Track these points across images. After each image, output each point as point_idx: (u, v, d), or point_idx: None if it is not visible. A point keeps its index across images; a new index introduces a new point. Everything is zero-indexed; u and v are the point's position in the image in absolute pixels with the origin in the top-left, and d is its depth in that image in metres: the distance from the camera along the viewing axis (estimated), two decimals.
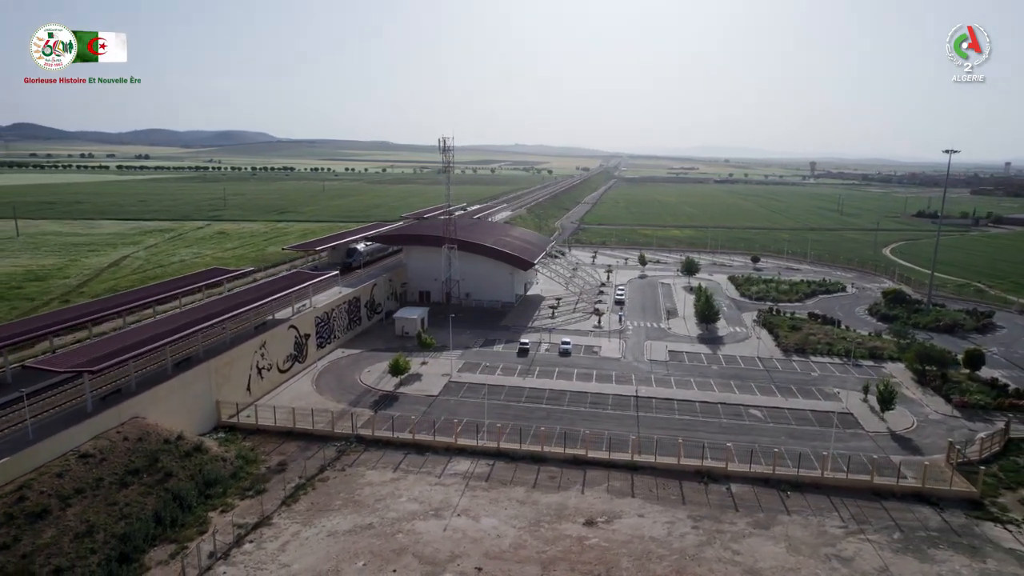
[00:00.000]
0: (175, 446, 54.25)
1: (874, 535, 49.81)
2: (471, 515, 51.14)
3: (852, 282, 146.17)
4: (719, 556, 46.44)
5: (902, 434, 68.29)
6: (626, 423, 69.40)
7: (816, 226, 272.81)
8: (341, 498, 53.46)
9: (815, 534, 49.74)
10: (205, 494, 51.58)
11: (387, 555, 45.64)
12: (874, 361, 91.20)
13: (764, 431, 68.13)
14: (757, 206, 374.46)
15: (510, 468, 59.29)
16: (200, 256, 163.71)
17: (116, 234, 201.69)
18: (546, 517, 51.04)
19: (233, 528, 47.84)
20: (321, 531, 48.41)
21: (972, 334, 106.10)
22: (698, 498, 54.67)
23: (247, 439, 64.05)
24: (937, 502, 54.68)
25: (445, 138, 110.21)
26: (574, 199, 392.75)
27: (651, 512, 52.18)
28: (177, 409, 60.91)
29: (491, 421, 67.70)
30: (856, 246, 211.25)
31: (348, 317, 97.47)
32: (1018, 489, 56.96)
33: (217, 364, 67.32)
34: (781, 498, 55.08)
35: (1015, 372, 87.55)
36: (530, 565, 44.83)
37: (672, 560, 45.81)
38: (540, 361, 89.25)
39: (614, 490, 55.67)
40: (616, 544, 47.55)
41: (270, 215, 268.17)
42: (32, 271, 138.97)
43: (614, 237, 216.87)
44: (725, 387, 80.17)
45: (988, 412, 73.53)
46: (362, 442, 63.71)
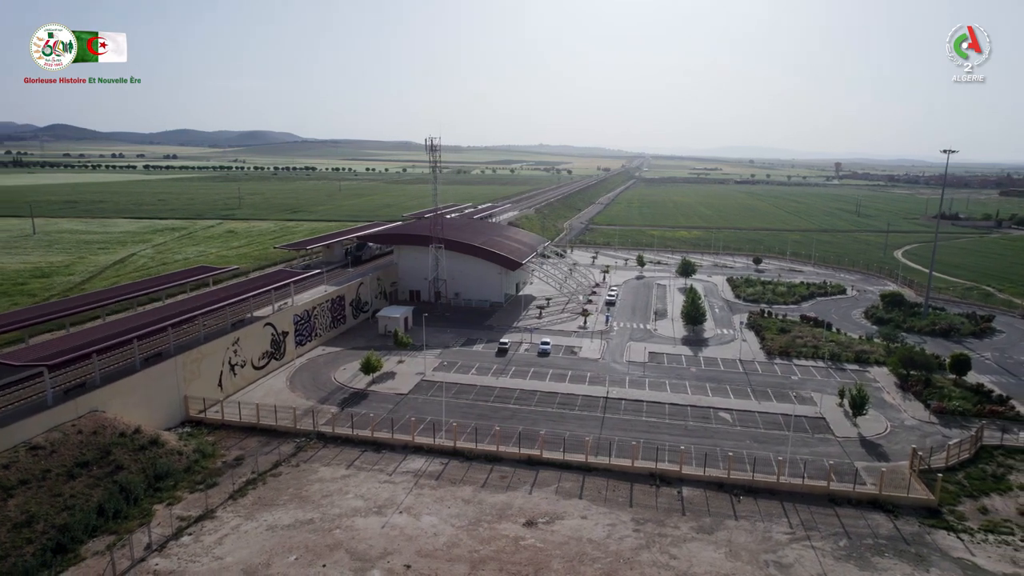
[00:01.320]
0: (130, 440, 55.34)
1: (820, 542, 48.90)
2: (413, 513, 51.33)
3: (853, 285, 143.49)
4: (654, 560, 45.98)
5: (873, 440, 66.90)
6: (590, 424, 69.05)
7: (829, 228, 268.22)
8: (289, 493, 54.06)
9: (759, 540, 48.98)
10: (155, 487, 52.54)
11: (320, 550, 46.06)
12: (859, 365, 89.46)
13: (730, 435, 67.24)
14: (774, 207, 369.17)
15: (463, 467, 59.37)
16: (205, 254, 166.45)
17: (128, 232, 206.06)
18: (487, 517, 51.02)
19: (176, 521, 48.70)
20: (261, 525, 49.02)
21: (968, 339, 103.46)
22: (647, 501, 54.16)
23: (211, 434, 65.07)
24: (893, 509, 53.50)
25: (432, 138, 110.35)
26: (588, 199, 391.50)
27: (595, 514, 51.85)
28: (142, 403, 62.12)
29: (455, 420, 67.89)
30: (867, 248, 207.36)
31: (331, 315, 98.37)
32: (980, 497, 55.46)
33: (185, 360, 68.45)
34: (732, 503, 54.35)
35: (1005, 378, 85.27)
36: (460, 564, 44.88)
37: (605, 563, 45.48)
38: (517, 361, 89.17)
39: (563, 491, 55.43)
40: (552, 545, 47.36)
41: (282, 214, 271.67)
42: (40, 268, 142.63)
43: (616, 238, 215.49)
44: (699, 390, 79.29)
45: (967, 418, 71.67)
46: (322, 439, 64.33)
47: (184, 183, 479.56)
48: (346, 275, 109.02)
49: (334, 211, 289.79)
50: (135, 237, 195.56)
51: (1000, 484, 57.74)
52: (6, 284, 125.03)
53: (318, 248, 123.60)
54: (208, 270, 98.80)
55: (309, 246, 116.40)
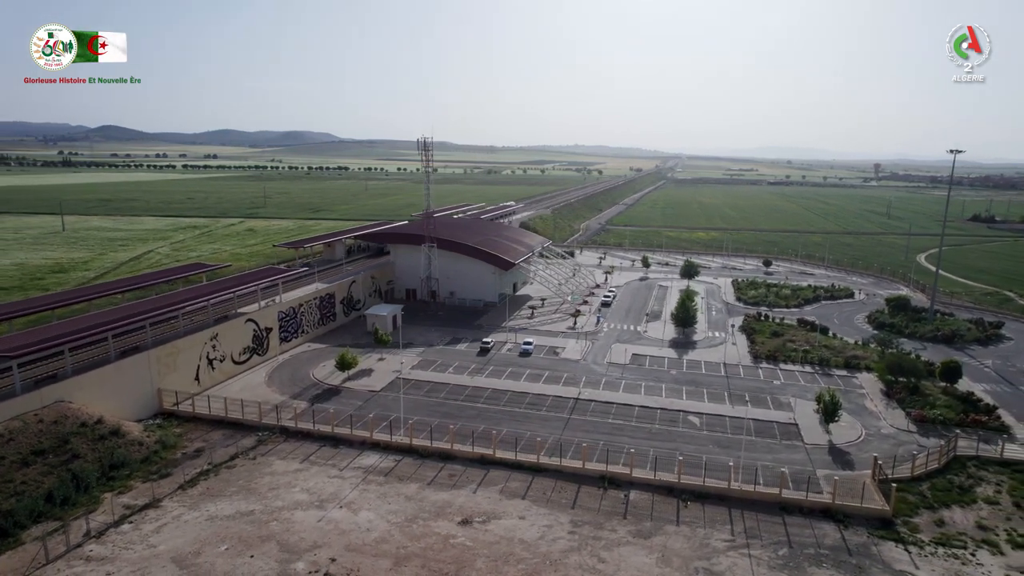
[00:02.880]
0: (91, 430, 57.20)
1: (759, 551, 47.85)
2: (353, 508, 51.93)
3: (863, 289, 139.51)
4: (581, 563, 45.62)
5: (843, 447, 65.10)
6: (553, 425, 68.77)
7: (855, 230, 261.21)
8: (238, 485, 55.21)
9: (696, 546, 48.17)
10: (108, 476, 54.21)
11: (252, 541, 46.97)
12: (848, 371, 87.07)
13: (693, 439, 66.20)
14: (802, 209, 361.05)
15: (415, 465, 59.77)
16: (219, 252, 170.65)
17: (152, 230, 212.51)
18: (425, 514, 51.30)
19: (121, 509, 50.23)
20: (203, 515, 50.20)
21: (972, 346, 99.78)
22: (590, 504, 53.73)
23: (181, 426, 66.80)
24: (844, 519, 51.99)
25: (425, 138, 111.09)
26: (612, 200, 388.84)
27: (533, 515, 51.66)
28: (112, 395, 64.13)
29: (420, 418, 68.46)
30: (890, 251, 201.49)
31: (320, 313, 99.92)
32: (940, 509, 53.53)
33: (159, 354, 70.38)
34: (678, 507, 53.56)
35: (1001, 387, 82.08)
36: (384, 559, 45.25)
37: (530, 564, 45.31)
38: (497, 361, 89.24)
39: (508, 491, 55.37)
40: (481, 545, 47.39)
41: (304, 213, 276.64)
42: (60, 264, 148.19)
43: (630, 239, 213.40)
44: (674, 393, 78.22)
45: (948, 428, 69.17)
46: (285, 433, 65.49)
47: (218, 182, 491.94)
48: (339, 273, 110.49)
49: (355, 210, 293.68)
50: (156, 234, 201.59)
51: (965, 496, 55.64)
52: (25, 279, 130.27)
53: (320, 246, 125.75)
54: (202, 267, 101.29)
55: (306, 245, 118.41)
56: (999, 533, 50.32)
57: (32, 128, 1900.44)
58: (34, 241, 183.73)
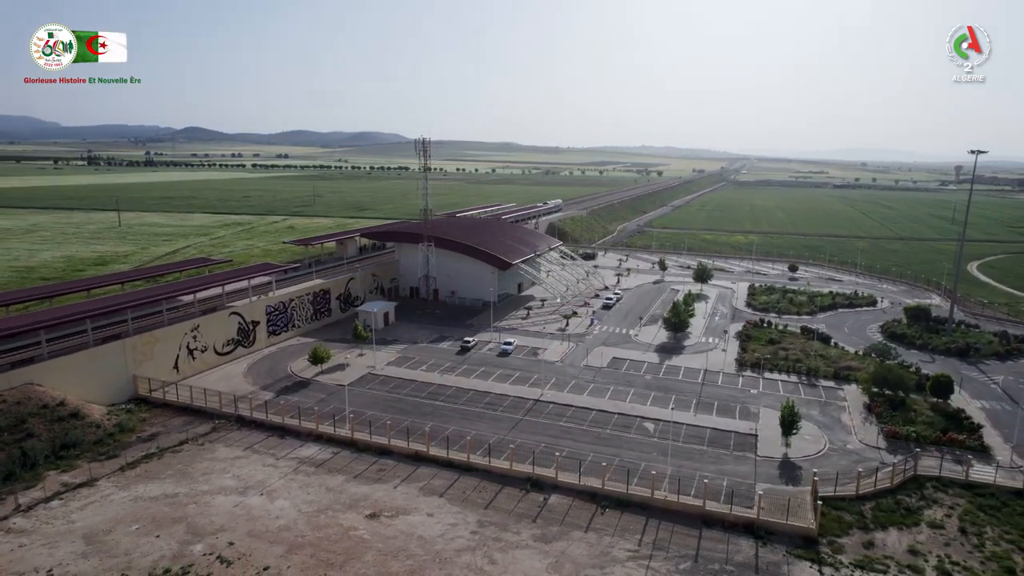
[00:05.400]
0: (51, 411, 61.16)
1: (660, 563, 46.45)
2: (272, 496, 53.54)
3: (889, 297, 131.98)
4: (470, 563, 45.53)
5: (797, 461, 62.17)
6: (503, 425, 68.62)
7: (909, 236, 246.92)
8: (176, 469, 57.84)
9: (595, 555, 47.20)
10: (58, 455, 57.82)
11: (164, 521, 49.18)
12: (836, 382, 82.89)
13: (639, 445, 64.65)
14: (860, 213, 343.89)
15: (350, 458, 60.98)
16: (252, 247, 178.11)
17: (198, 226, 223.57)
18: (337, 506, 52.34)
19: (58, 486, 53.56)
20: (130, 496, 52.90)
21: (989, 360, 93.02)
22: (506, 505, 53.44)
23: (149, 411, 70.38)
24: (766, 536, 49.75)
25: (424, 139, 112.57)
26: (661, 201, 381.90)
27: (443, 513, 51.84)
28: (84, 380, 68.20)
29: (372, 413, 69.81)
30: (940, 258, 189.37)
31: (313, 308, 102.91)
32: (875, 531, 50.45)
33: (135, 342, 74.35)
34: (594, 514, 52.58)
35: (1002, 405, 76.21)
36: (278, 546, 46.52)
37: (418, 560, 45.59)
38: (474, 360, 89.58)
39: (429, 488, 55.75)
40: (378, 538, 47.99)
41: (346, 212, 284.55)
42: (103, 256, 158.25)
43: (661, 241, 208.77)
44: (640, 398, 76.55)
45: (921, 445, 64.91)
46: (240, 422, 68.02)
47: (279, 181, 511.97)
48: (339, 270, 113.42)
49: (399, 210, 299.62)
50: (201, 230, 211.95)
51: (908, 518, 52.20)
52: (68, 270, 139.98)
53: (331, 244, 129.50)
54: (204, 261, 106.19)
55: (313, 243, 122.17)
56: (929, 559, 47.04)
57: (128, 130, 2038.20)
58: (90, 236, 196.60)
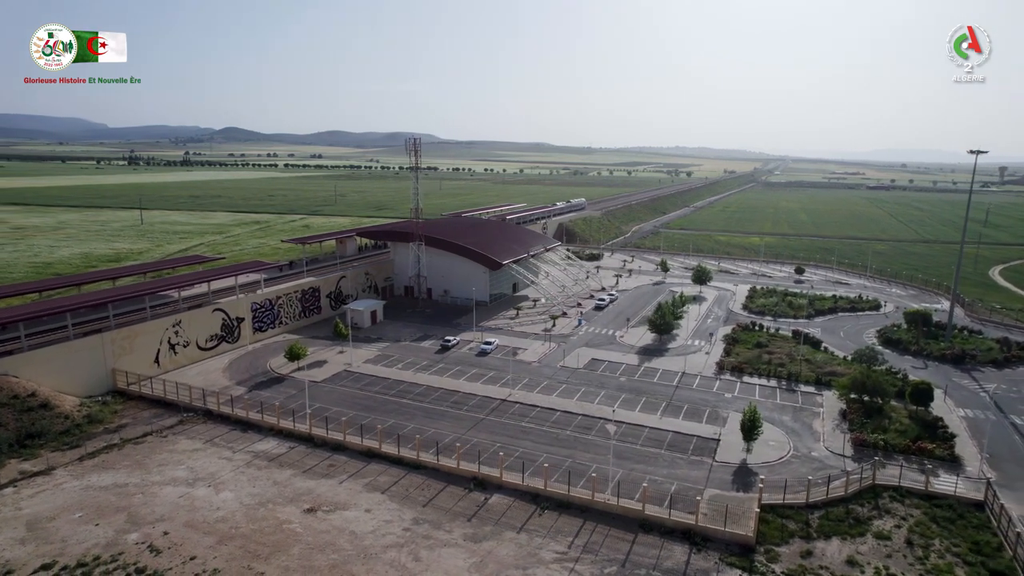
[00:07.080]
0: (22, 402, 63.35)
1: (585, 566, 46.02)
2: (219, 488, 54.61)
3: (896, 301, 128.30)
4: (394, 560, 45.80)
5: (755, 467, 60.95)
6: (463, 424, 68.77)
7: (933, 238, 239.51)
8: (133, 460, 59.40)
9: (522, 556, 47.01)
10: (23, 444, 59.85)
11: (106, 511, 50.55)
12: (817, 387, 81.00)
13: (594, 447, 64.01)
14: (887, 215, 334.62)
15: (304, 453, 61.83)
16: (263, 246, 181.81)
17: (217, 224, 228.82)
18: (278, 500, 53.14)
19: (16, 474, 55.47)
20: (81, 484, 54.51)
21: (986, 367, 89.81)
22: (446, 503, 53.58)
23: (124, 404, 72.43)
24: (702, 542, 48.93)
25: (415, 139, 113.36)
26: (683, 203, 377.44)
27: (381, 510, 52.22)
28: (61, 372, 70.47)
29: (337, 409, 70.74)
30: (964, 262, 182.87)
31: (302, 305, 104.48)
32: (816, 540, 49.19)
33: (115, 336, 76.49)
34: (533, 514, 52.37)
35: (987, 414, 73.22)
36: (210, 537, 47.43)
37: (343, 555, 46.04)
38: (452, 359, 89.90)
39: (374, 484, 56.20)
40: (310, 532, 48.59)
41: (364, 211, 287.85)
42: (118, 253, 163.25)
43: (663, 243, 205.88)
44: (609, 400, 75.87)
45: (889, 454, 63.07)
46: (208, 415, 69.55)
47: (308, 180, 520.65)
48: (333, 268, 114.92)
49: None
50: (218, 229, 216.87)
51: (856, 528, 50.75)
52: (83, 266, 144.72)
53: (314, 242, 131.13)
54: (199, 259, 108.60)
55: (310, 241, 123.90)
56: (865, 570, 45.68)
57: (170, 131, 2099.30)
58: (112, 233, 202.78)
